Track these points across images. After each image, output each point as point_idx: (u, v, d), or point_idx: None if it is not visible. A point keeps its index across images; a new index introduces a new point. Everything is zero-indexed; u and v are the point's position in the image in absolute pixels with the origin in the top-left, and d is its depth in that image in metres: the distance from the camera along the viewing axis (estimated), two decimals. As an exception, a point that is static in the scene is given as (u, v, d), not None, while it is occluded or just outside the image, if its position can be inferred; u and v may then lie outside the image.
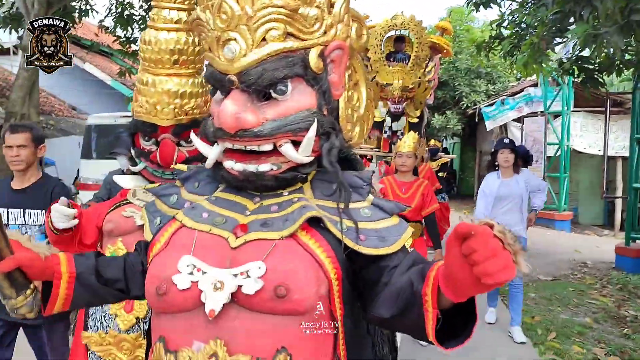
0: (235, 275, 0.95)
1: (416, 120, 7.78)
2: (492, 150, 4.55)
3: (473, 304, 0.87)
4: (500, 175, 4.28)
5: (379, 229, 1.03)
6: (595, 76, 5.41)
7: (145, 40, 1.72)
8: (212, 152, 1.07)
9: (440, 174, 7.63)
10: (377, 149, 8.20)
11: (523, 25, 5.72)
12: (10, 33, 9.12)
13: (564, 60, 5.54)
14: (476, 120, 12.79)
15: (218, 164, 1.09)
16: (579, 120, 11.34)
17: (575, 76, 5.66)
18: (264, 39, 0.99)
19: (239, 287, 0.94)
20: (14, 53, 13.63)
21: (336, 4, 1.06)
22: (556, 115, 11.05)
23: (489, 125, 11.89)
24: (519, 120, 11.36)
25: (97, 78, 14.16)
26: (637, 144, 7.15)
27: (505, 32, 6.22)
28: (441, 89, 13.25)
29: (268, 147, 1.01)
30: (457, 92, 12.94)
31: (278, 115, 1.00)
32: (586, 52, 5.06)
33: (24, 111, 7.52)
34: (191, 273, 0.97)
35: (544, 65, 4.80)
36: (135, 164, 1.86)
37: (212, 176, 1.14)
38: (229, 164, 1.04)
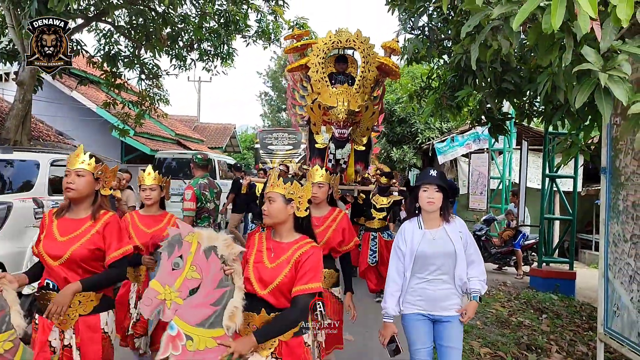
0: None
1: (363, 148, 7.18)
2: (413, 184, 3.00)
3: None
4: (423, 224, 2.87)
5: None
6: (500, 124, 6.60)
7: None
8: None
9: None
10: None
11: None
12: (5, 65, 10.13)
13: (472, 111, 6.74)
14: (430, 154, 14.05)
15: None
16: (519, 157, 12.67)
17: (483, 123, 6.77)
18: None
19: None
20: (6, 80, 14.65)
21: None
22: (501, 152, 12.38)
23: (441, 159, 13.13)
24: (467, 155, 12.59)
25: (84, 105, 15.17)
26: (549, 180, 8.37)
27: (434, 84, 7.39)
28: (400, 125, 14.57)
29: None
30: (413, 129, 14.24)
31: None
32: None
33: (17, 138, 8.49)
34: None
35: (448, 115, 5.99)
36: None
37: None
38: None
